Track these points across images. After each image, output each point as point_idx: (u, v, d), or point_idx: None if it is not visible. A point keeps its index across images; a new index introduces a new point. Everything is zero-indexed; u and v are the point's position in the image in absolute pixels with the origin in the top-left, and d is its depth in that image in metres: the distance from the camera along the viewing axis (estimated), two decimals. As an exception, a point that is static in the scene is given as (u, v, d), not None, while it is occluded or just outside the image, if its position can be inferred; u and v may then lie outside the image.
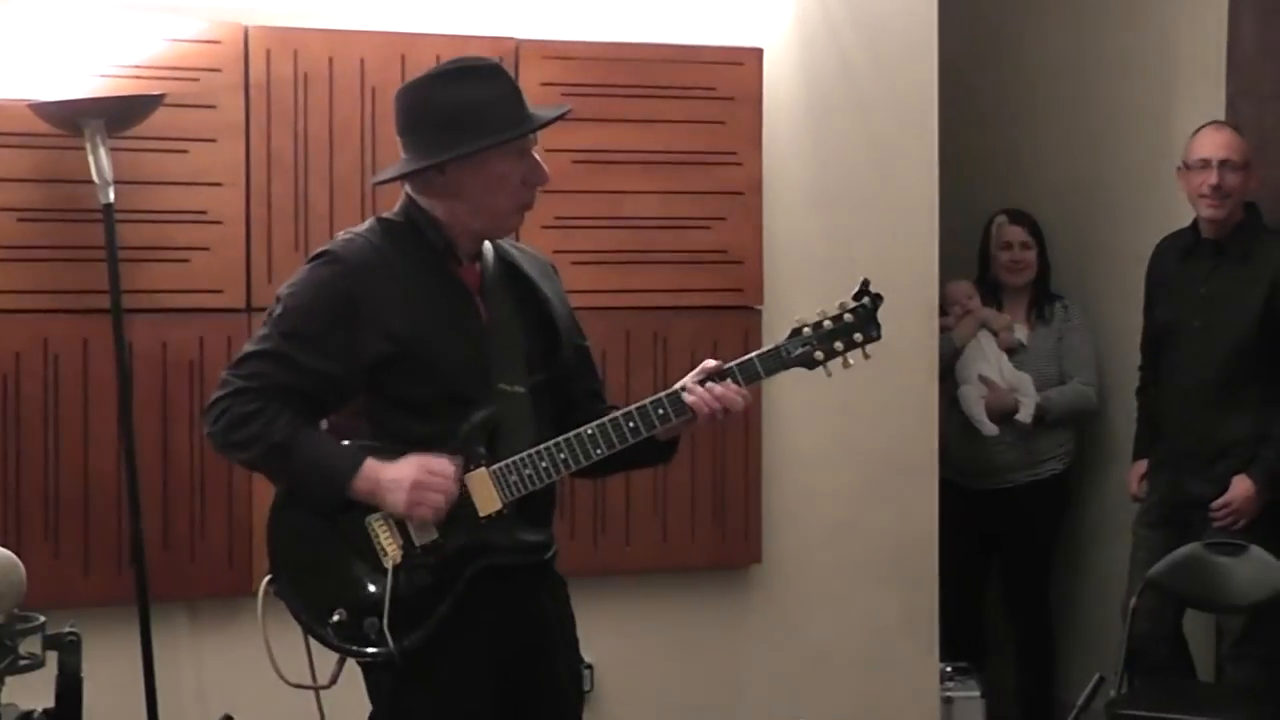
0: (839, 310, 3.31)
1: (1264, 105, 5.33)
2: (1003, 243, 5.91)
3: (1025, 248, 5.89)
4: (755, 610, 5.04)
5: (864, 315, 3.31)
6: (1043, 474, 5.83)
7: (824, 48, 5.02)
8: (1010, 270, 5.90)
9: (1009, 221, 5.91)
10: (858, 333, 3.30)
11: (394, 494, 3.17)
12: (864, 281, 3.34)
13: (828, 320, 3.30)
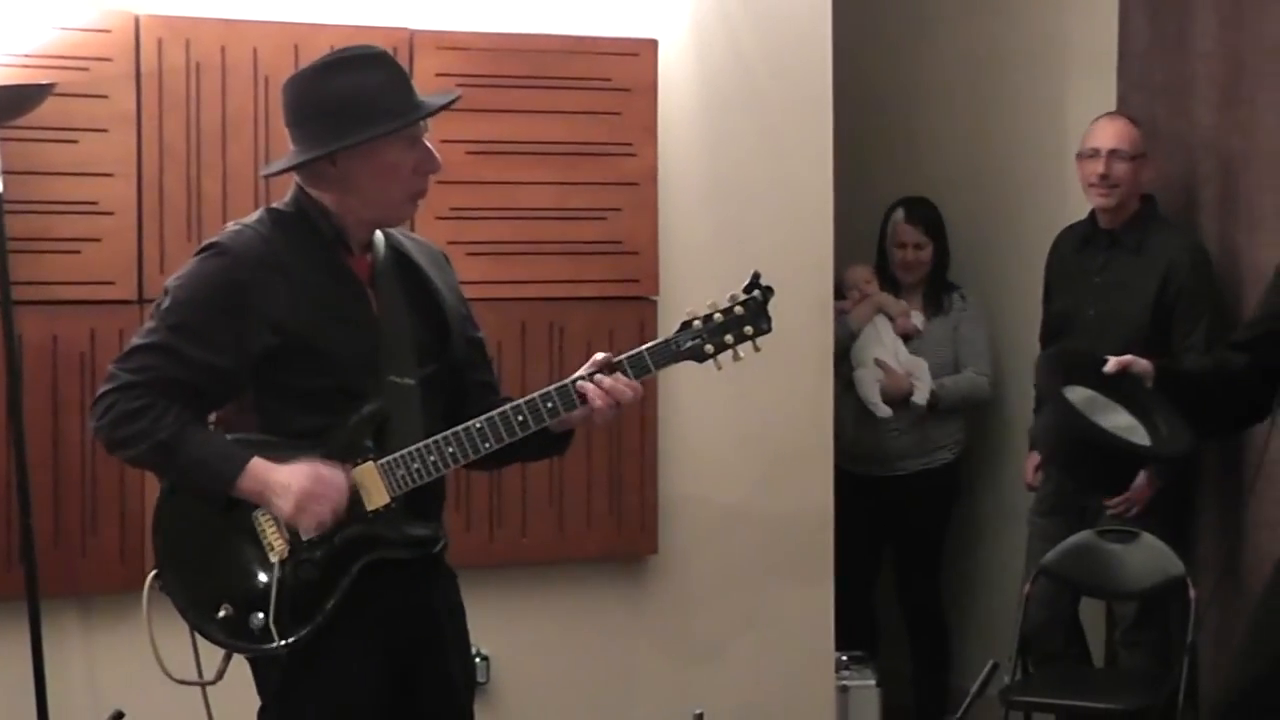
0: (729, 303, 3.33)
1: (1154, 98, 5.41)
2: (898, 241, 5.96)
3: (919, 248, 5.94)
4: (651, 600, 5.06)
5: (754, 308, 3.32)
6: (934, 463, 5.89)
7: (719, 38, 5.04)
8: (903, 268, 5.96)
9: (905, 219, 5.95)
10: (748, 325, 3.31)
11: (281, 499, 3.16)
12: (755, 274, 3.36)
13: (718, 313, 3.31)
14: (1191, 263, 5.11)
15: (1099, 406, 3.68)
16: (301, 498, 3.15)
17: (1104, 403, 3.68)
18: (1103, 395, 3.69)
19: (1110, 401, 3.68)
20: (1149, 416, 3.66)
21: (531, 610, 4.92)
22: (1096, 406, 3.67)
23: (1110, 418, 3.65)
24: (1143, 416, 3.66)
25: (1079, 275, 5.33)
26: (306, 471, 3.16)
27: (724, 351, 3.32)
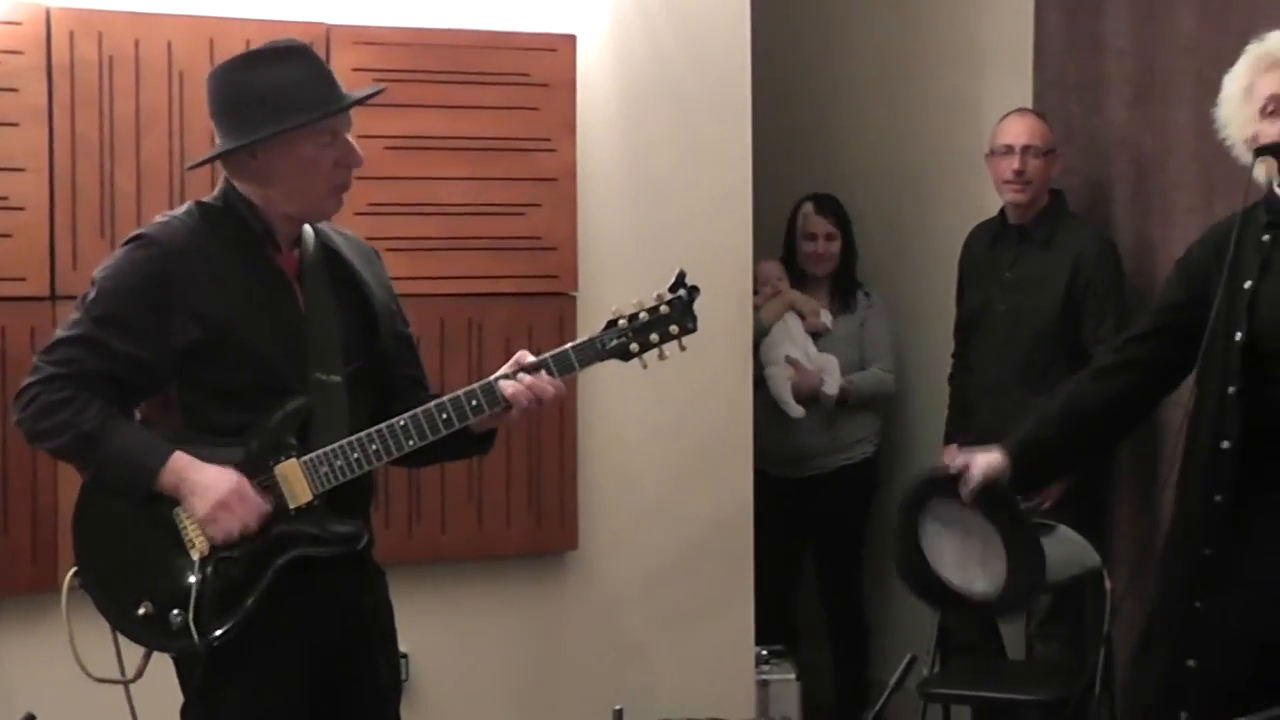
0: (655, 302, 3.36)
1: (1069, 95, 5.50)
2: (807, 233, 6.01)
3: (829, 239, 6.00)
4: (571, 596, 5.09)
5: (680, 307, 3.36)
6: (855, 457, 5.95)
7: (638, 34, 5.07)
8: (813, 261, 6.01)
9: (815, 211, 6.01)
10: (673, 325, 3.35)
11: (198, 499, 3.18)
12: (680, 274, 3.39)
13: (643, 312, 3.34)
14: (1100, 256, 5.18)
15: (967, 526, 3.75)
16: (217, 507, 3.17)
17: (971, 521, 3.75)
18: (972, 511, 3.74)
19: (977, 519, 3.75)
20: (1016, 531, 3.76)
21: (451, 607, 4.94)
22: (965, 526, 3.75)
23: (968, 543, 3.74)
24: (1010, 531, 3.75)
25: (990, 271, 5.40)
26: (231, 484, 3.19)
27: (649, 350, 3.35)
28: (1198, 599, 3.69)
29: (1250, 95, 3.67)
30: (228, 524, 3.17)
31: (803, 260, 6.03)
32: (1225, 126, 3.77)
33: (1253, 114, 3.67)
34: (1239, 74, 3.73)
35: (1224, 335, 3.64)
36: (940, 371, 5.71)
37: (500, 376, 3.32)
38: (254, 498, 3.19)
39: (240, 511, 3.18)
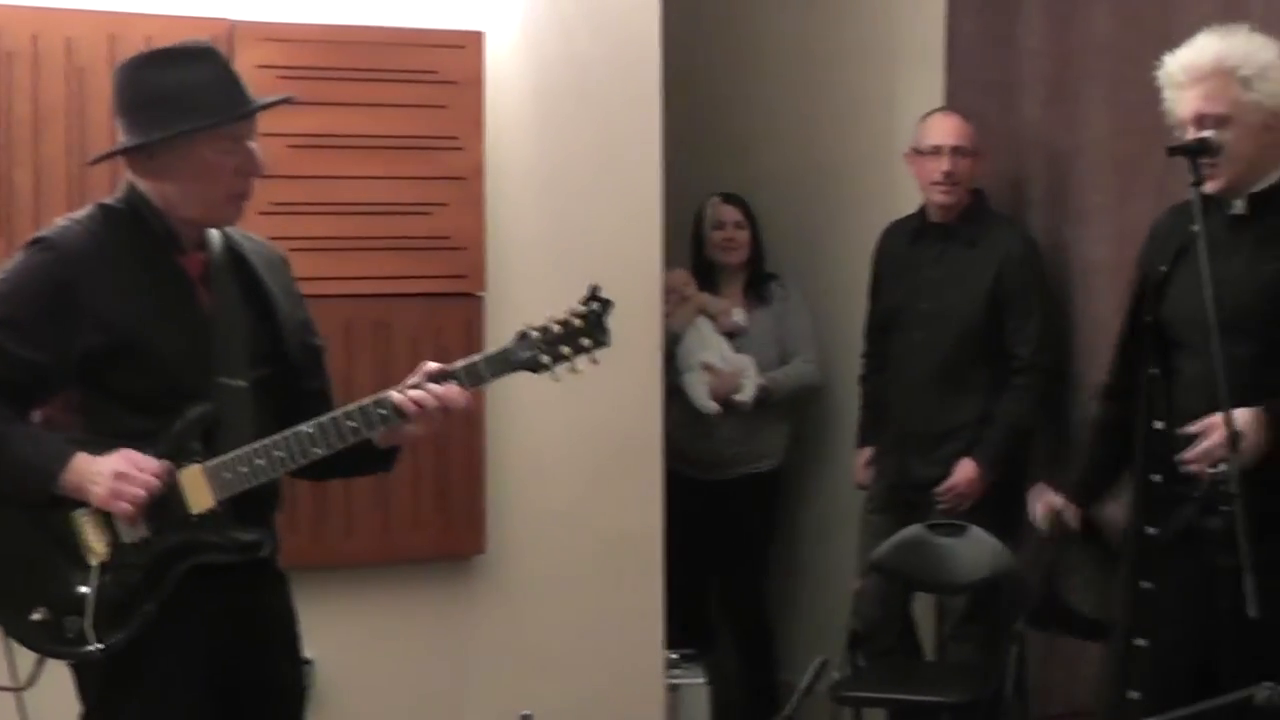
0: (568, 315, 3.34)
1: (983, 94, 5.55)
2: (716, 222, 6.05)
3: (739, 227, 6.04)
4: (480, 601, 5.10)
5: (593, 321, 3.34)
6: (762, 467, 5.99)
7: (548, 31, 5.08)
8: (724, 249, 6.03)
9: (722, 201, 6.05)
10: (585, 339, 3.34)
11: (96, 486, 3.18)
12: (593, 287, 3.37)
13: (556, 325, 3.33)
14: (1024, 256, 5.26)
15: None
16: (114, 479, 3.16)
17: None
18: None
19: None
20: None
21: (357, 612, 4.93)
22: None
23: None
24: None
25: (911, 269, 5.44)
26: (120, 455, 3.18)
27: (560, 364, 3.34)
28: (1145, 579, 3.81)
29: (1175, 108, 3.80)
30: (129, 494, 3.16)
31: (713, 251, 6.05)
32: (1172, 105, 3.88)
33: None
34: (1165, 80, 3.84)
35: (1145, 319, 3.84)
36: (852, 370, 5.77)
37: (408, 386, 3.32)
38: (148, 460, 3.18)
39: (139, 476, 3.17)
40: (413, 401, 3.29)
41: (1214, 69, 3.73)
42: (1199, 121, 3.72)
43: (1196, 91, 3.73)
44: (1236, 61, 3.73)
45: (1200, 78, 3.74)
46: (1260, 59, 3.74)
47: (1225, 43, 3.76)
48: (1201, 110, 3.72)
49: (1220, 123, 3.70)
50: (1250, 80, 3.72)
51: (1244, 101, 3.71)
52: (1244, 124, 3.72)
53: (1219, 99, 3.71)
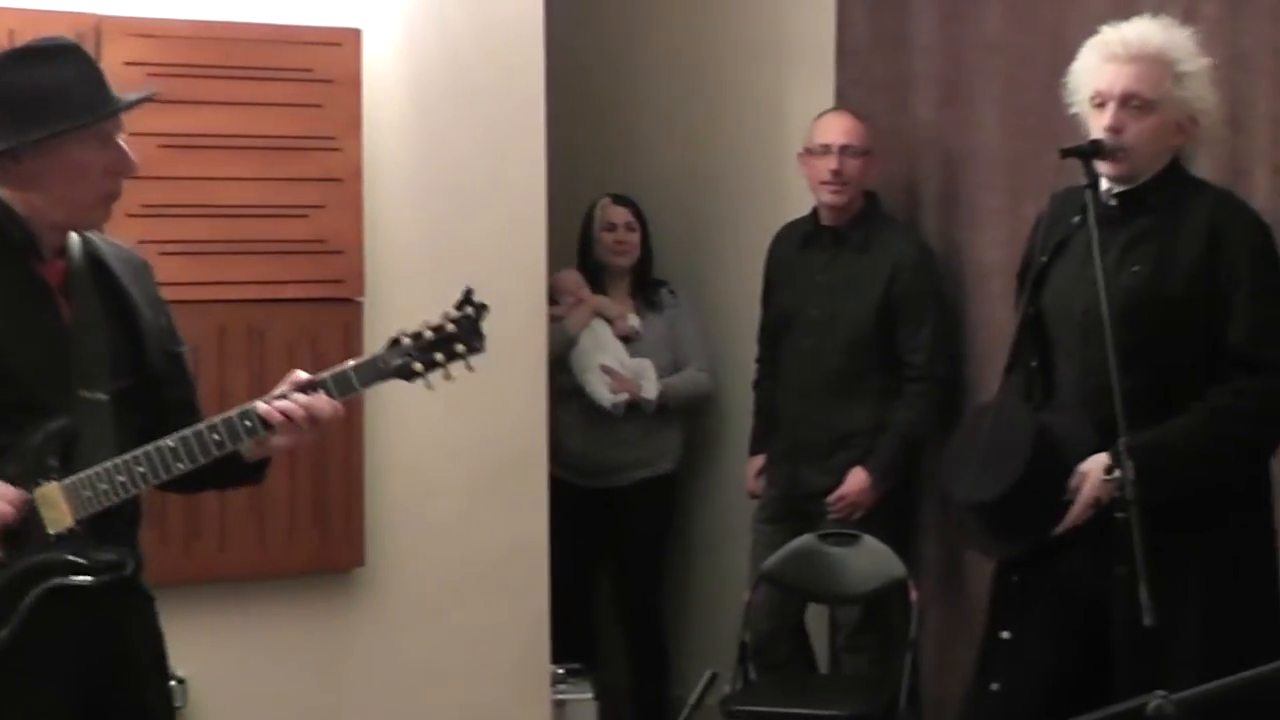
0: (441, 320, 3.31)
1: (874, 94, 5.59)
2: (606, 223, 6.03)
3: (629, 229, 6.03)
4: (359, 615, 5.06)
5: (467, 326, 3.32)
6: (658, 470, 5.99)
7: (428, 29, 5.05)
8: (614, 251, 6.02)
9: (612, 203, 6.05)
10: (460, 344, 3.31)
11: None
12: (467, 290, 3.36)
13: (429, 330, 3.30)
14: (918, 262, 5.29)
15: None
16: None
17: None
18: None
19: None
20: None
21: (231, 629, 4.88)
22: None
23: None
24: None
25: (802, 274, 5.46)
26: None
27: (434, 370, 3.32)
28: (1015, 574, 3.85)
29: (1091, 77, 3.83)
30: None
31: (602, 253, 6.04)
32: (1072, 95, 3.92)
33: (1086, 97, 3.83)
34: (1092, 48, 3.88)
35: (1024, 308, 3.89)
36: (748, 377, 5.78)
37: (275, 396, 3.29)
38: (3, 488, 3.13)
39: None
40: (279, 413, 3.25)
41: (1156, 54, 3.77)
42: (1124, 100, 3.75)
43: (1133, 69, 3.76)
44: (1178, 55, 3.79)
45: (1140, 57, 3.77)
46: (1198, 61, 3.82)
47: (1168, 34, 3.83)
48: (1133, 89, 3.75)
49: (1145, 108, 3.74)
50: (1184, 78, 3.78)
51: (1173, 96, 3.77)
52: (1164, 117, 3.77)
53: (1152, 84, 3.75)
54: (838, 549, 5.15)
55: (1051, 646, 3.83)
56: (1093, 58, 3.85)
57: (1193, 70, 3.80)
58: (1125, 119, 3.75)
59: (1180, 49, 3.80)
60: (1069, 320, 3.82)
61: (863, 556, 5.15)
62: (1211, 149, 4.45)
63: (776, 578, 5.21)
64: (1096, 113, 3.79)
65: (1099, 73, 3.81)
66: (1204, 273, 3.72)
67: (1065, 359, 3.86)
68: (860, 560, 5.15)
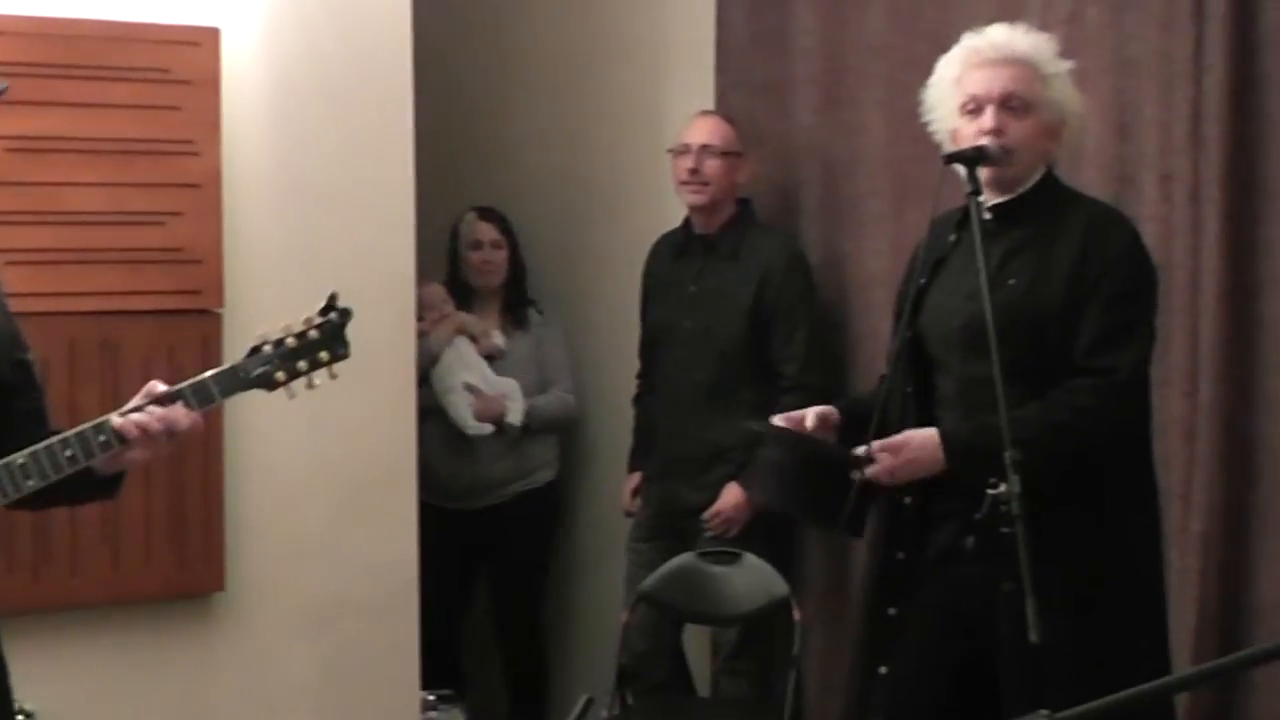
0: (304, 327, 3.28)
1: (754, 97, 5.61)
2: (472, 241, 6.01)
3: (496, 247, 6.01)
4: (219, 642, 5.00)
5: (331, 332, 3.29)
6: (535, 483, 5.98)
7: (289, 27, 5.01)
8: (480, 271, 6.01)
9: (479, 218, 6.02)
10: (323, 351, 3.28)
11: None
12: (332, 295, 3.34)
13: (291, 337, 3.27)
14: (788, 269, 5.30)
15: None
16: None
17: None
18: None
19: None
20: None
21: (83, 658, 4.81)
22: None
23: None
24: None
25: (674, 285, 5.47)
26: None
27: (297, 379, 3.29)
28: (890, 605, 3.89)
29: (958, 87, 3.86)
30: None
31: (468, 272, 6.02)
32: (931, 110, 3.95)
33: (955, 107, 3.86)
34: (952, 60, 3.91)
35: (902, 333, 3.92)
36: (622, 392, 5.79)
37: (130, 409, 3.27)
38: None
39: None
40: (135, 426, 3.20)
41: (1025, 56, 3.83)
42: (1003, 101, 3.78)
43: (1008, 71, 3.80)
44: (1043, 58, 3.86)
45: (1012, 60, 3.82)
46: (1061, 64, 3.89)
47: (1030, 38, 3.88)
48: (1011, 89, 3.78)
49: (1023, 109, 3.79)
50: (1050, 79, 3.84)
51: (1044, 97, 3.82)
52: (1040, 119, 3.82)
53: (1027, 85, 3.80)
54: (718, 568, 5.15)
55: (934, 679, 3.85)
56: (955, 68, 3.89)
57: (1058, 72, 3.86)
58: (1006, 120, 3.79)
59: (1044, 52, 3.86)
60: (948, 337, 3.86)
61: (744, 575, 5.14)
62: (1098, 156, 4.53)
63: (655, 598, 5.20)
64: (970, 120, 3.82)
65: (969, 79, 3.84)
66: (1076, 283, 3.77)
67: (945, 377, 3.90)
68: (742, 579, 5.15)
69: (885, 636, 3.94)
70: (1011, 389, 3.57)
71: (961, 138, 3.84)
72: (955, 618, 3.82)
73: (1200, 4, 4.30)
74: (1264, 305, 4.28)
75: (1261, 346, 4.29)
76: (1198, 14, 4.31)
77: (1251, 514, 4.30)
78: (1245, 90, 4.26)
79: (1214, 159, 4.27)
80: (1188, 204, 4.35)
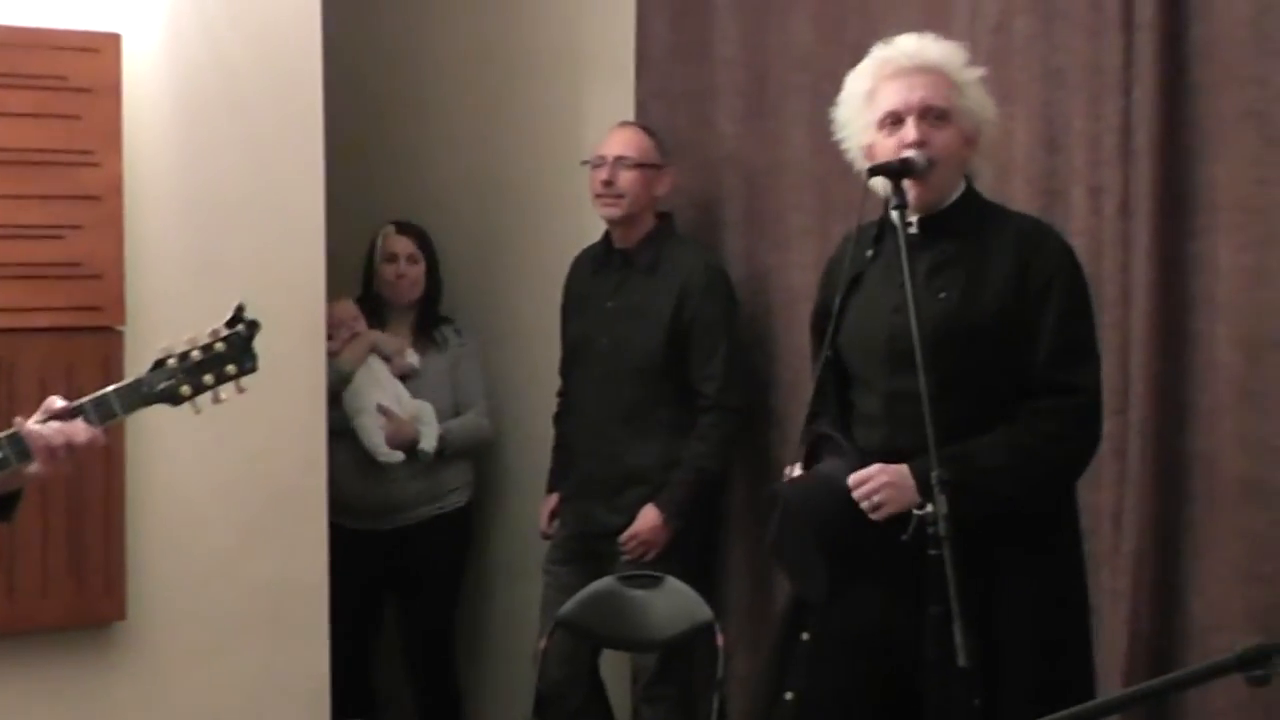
0: (210, 339, 3.26)
1: (675, 107, 5.60)
2: (388, 254, 5.96)
3: (412, 261, 5.96)
4: (120, 672, 4.95)
5: (238, 344, 3.27)
6: (448, 506, 5.94)
7: (194, 33, 4.98)
8: (394, 285, 5.96)
9: (396, 232, 5.98)
10: (230, 364, 3.27)
11: None
12: (239, 307, 3.32)
13: (196, 350, 3.25)
14: (708, 284, 5.28)
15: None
16: None
17: None
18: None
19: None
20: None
21: (-24, 692, 4.78)
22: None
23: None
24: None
25: (593, 300, 5.46)
26: None
27: (203, 393, 3.27)
28: (804, 629, 3.89)
29: (871, 101, 3.86)
30: None
31: (383, 287, 5.97)
32: (843, 128, 3.95)
33: (871, 122, 3.86)
34: (862, 74, 3.91)
35: (824, 354, 3.95)
36: (540, 411, 5.77)
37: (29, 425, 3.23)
38: None
39: None
40: (32, 440, 3.18)
41: (937, 65, 3.85)
42: (923, 111, 3.79)
43: (923, 80, 3.81)
44: (955, 66, 3.87)
45: (925, 68, 3.83)
46: (971, 71, 3.90)
47: (940, 45, 3.89)
48: (930, 100, 3.79)
49: (943, 118, 3.80)
50: (964, 87, 3.85)
51: (959, 105, 3.84)
52: (959, 128, 3.83)
53: (943, 94, 3.82)
54: (639, 592, 5.11)
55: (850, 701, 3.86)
56: (866, 81, 3.89)
57: (970, 79, 3.88)
58: (928, 131, 3.79)
59: (955, 59, 3.88)
60: (871, 353, 3.86)
61: (666, 600, 5.11)
62: (1026, 169, 4.54)
63: (573, 623, 5.16)
64: (888, 134, 3.83)
65: (883, 93, 3.85)
66: (1013, 298, 3.78)
67: (867, 395, 3.90)
68: (663, 604, 5.12)
69: (795, 660, 3.94)
70: (942, 404, 3.57)
71: (879, 152, 3.83)
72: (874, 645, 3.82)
73: (1129, 13, 4.31)
74: (1195, 321, 4.30)
75: (1193, 363, 4.30)
76: (1127, 23, 4.32)
77: (1183, 533, 4.31)
78: (1176, 101, 4.27)
79: (1144, 172, 4.28)
80: (1118, 218, 4.36)
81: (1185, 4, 4.26)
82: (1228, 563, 4.22)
